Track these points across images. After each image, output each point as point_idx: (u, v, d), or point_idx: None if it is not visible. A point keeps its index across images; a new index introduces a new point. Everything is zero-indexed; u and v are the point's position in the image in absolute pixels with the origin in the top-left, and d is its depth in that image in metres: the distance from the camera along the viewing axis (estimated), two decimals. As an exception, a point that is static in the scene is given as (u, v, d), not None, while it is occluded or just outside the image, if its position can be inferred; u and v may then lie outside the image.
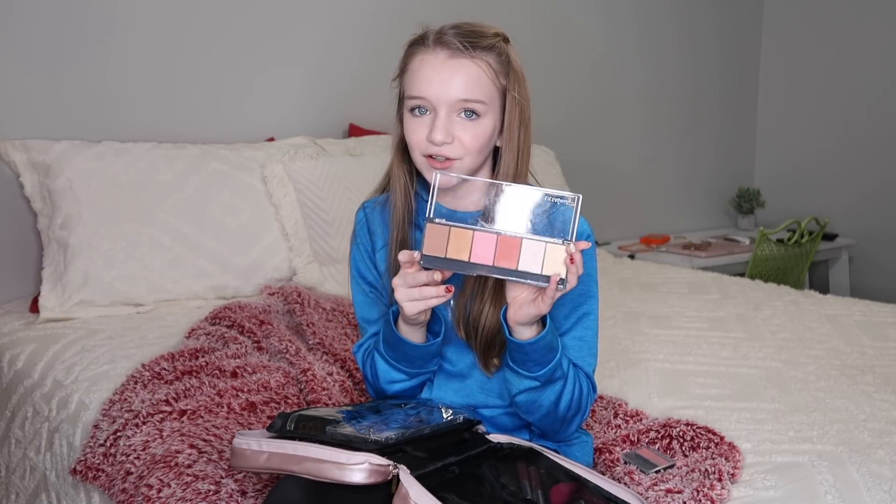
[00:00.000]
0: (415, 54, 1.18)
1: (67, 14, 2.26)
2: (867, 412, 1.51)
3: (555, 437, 1.23)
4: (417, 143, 1.16)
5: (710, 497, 1.15)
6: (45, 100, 2.25)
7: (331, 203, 2.34)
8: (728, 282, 2.61)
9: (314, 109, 2.72)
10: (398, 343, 1.18)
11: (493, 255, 1.03)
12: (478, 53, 1.16)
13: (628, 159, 3.70)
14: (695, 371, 1.75)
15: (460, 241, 1.04)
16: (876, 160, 3.79)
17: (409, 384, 1.24)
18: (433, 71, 1.15)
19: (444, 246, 1.04)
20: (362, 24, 2.79)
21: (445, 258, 1.05)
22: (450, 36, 1.16)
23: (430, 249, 1.05)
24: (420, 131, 1.16)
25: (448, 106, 1.14)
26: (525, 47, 3.74)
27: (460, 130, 1.15)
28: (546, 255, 1.02)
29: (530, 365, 1.11)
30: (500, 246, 1.03)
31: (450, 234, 1.05)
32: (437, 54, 1.15)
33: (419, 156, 1.17)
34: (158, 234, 2.11)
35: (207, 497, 1.18)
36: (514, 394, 1.16)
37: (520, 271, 1.03)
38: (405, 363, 1.21)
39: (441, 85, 1.14)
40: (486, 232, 1.04)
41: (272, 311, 1.92)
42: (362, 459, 0.96)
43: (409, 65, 1.18)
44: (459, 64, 1.15)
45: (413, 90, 1.16)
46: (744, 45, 4.08)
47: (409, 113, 1.17)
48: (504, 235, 1.03)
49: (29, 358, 1.82)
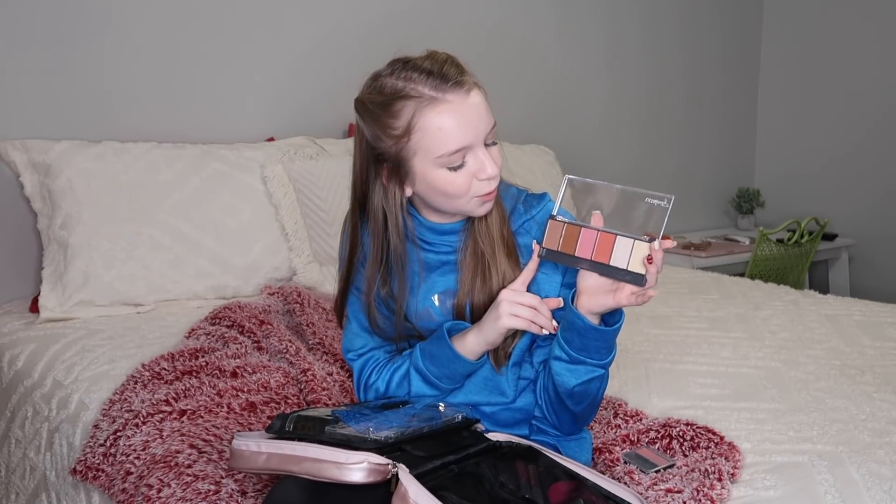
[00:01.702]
0: (422, 113, 1.09)
1: (67, 14, 2.26)
2: (867, 412, 1.51)
3: (573, 428, 1.25)
4: (467, 190, 1.13)
5: (710, 497, 1.15)
6: (45, 100, 2.25)
7: (331, 203, 2.34)
8: (728, 282, 2.61)
9: (314, 109, 2.72)
10: (451, 360, 1.19)
11: (592, 250, 1.13)
12: (469, 78, 1.13)
13: (628, 159, 3.70)
14: (695, 371, 1.75)
15: (570, 237, 1.15)
16: (876, 160, 3.79)
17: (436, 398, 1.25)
18: (462, 118, 1.10)
19: (559, 240, 1.15)
20: (362, 23, 2.79)
21: (558, 251, 1.15)
22: (441, 79, 1.10)
23: (548, 243, 1.16)
24: (461, 179, 1.13)
25: (483, 141, 1.14)
26: (526, 47, 3.76)
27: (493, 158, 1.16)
28: (633, 252, 1.09)
29: (603, 352, 1.15)
30: (599, 241, 1.12)
31: (563, 230, 1.15)
32: (451, 101, 1.10)
33: (469, 201, 1.15)
34: (158, 234, 2.11)
35: (207, 497, 1.18)
36: (572, 385, 1.17)
37: (611, 266, 1.10)
38: (447, 380, 1.21)
39: (473, 126, 1.11)
40: (590, 229, 1.13)
41: (272, 311, 1.93)
42: (361, 458, 0.96)
43: (422, 125, 1.09)
44: (472, 98, 1.12)
45: (450, 146, 1.10)
46: (744, 46, 4.08)
47: (444, 171, 1.12)
48: (603, 232, 1.12)
49: (29, 358, 1.82)
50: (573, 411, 1.21)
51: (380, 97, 1.13)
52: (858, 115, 3.83)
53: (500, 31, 3.10)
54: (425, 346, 1.22)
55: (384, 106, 1.12)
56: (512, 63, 3.18)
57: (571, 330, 1.14)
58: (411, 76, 1.11)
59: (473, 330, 1.19)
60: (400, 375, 1.25)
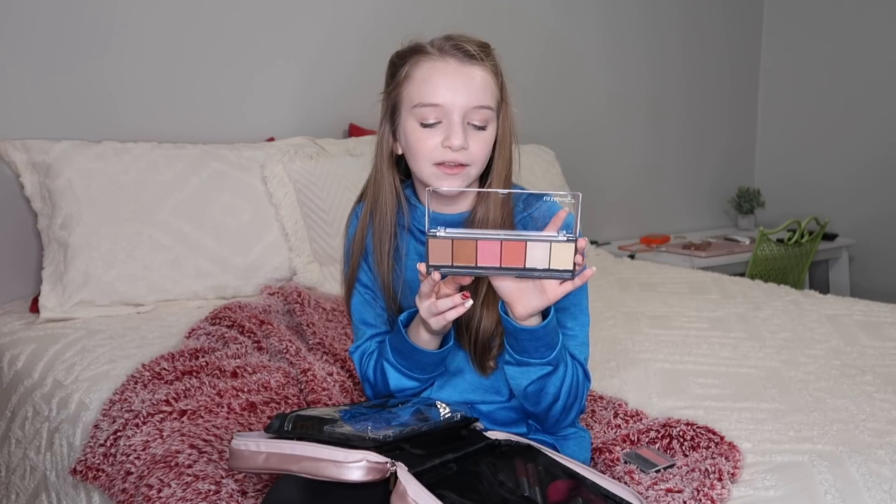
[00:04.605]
0: (419, 63, 1.16)
1: (67, 14, 2.26)
2: (867, 412, 1.51)
3: (554, 427, 1.24)
4: (429, 151, 1.15)
5: (710, 497, 1.15)
6: (45, 100, 2.25)
7: (331, 203, 2.34)
8: (728, 282, 2.61)
9: (314, 109, 2.73)
10: (411, 352, 1.19)
11: (499, 258, 1.04)
12: (482, 63, 1.16)
13: (629, 159, 3.71)
14: (695, 371, 1.75)
15: (464, 251, 1.04)
16: (876, 160, 3.79)
17: (420, 389, 1.25)
18: (446, 77, 1.13)
19: (450, 256, 1.05)
20: (363, 23, 2.79)
21: (452, 266, 1.05)
22: (453, 47, 1.14)
23: (435, 260, 1.06)
24: (431, 140, 1.15)
25: (462, 112, 1.14)
26: (527, 47, 3.76)
27: (472, 139, 1.16)
28: (552, 253, 1.03)
29: (543, 350, 1.12)
30: (504, 250, 1.04)
31: (453, 246, 1.04)
32: (448, 62, 1.14)
33: (428, 166, 1.16)
34: (158, 234, 2.11)
35: (208, 497, 1.18)
36: (525, 386, 1.16)
37: (527, 269, 1.04)
38: (418, 370, 1.21)
39: (455, 90, 1.13)
40: (488, 240, 1.04)
41: (272, 311, 1.93)
42: (360, 457, 0.96)
43: (413, 73, 1.16)
44: (472, 70, 1.15)
45: (425, 98, 1.14)
46: (744, 46, 4.08)
47: (416, 124, 1.16)
48: (508, 241, 1.03)
49: (29, 358, 1.82)
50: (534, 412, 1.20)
51: (404, 50, 1.19)
52: (859, 114, 3.83)
53: (500, 31, 3.10)
54: (391, 338, 1.22)
55: (402, 56, 1.19)
56: (512, 63, 3.17)
57: (508, 334, 1.13)
58: (435, 41, 1.16)
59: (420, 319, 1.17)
60: (379, 369, 1.25)
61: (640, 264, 2.95)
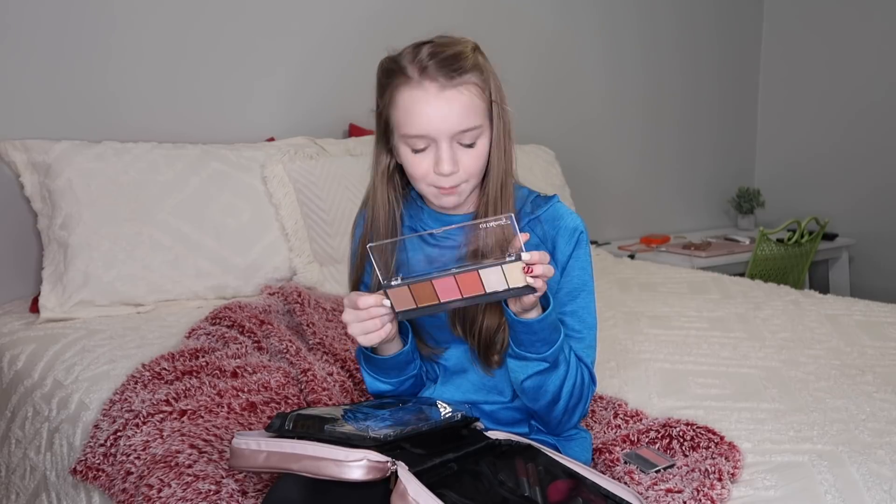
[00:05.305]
0: (400, 89, 1.14)
1: (68, 14, 2.26)
2: (867, 412, 1.51)
3: (557, 428, 1.24)
4: (423, 176, 1.16)
5: (710, 497, 1.15)
6: (45, 100, 2.25)
7: (331, 203, 2.34)
8: (728, 282, 2.61)
9: (314, 109, 2.73)
10: (367, 357, 1.22)
11: (459, 291, 1.05)
12: (465, 79, 1.14)
13: (628, 159, 3.71)
14: (695, 371, 1.75)
15: (424, 292, 1.06)
16: (876, 160, 3.79)
17: (397, 391, 1.26)
18: (428, 107, 1.13)
19: (412, 299, 1.07)
20: (362, 23, 2.79)
21: (418, 308, 1.07)
22: (433, 67, 1.12)
23: (400, 306, 1.08)
24: (424, 164, 1.16)
25: (449, 136, 1.14)
26: (526, 48, 3.75)
27: (462, 157, 1.16)
28: (506, 274, 1.03)
29: (539, 346, 1.12)
30: (461, 283, 1.05)
31: (411, 290, 1.06)
32: (427, 88, 1.13)
33: (425, 186, 1.18)
34: (158, 234, 2.11)
35: (208, 497, 1.18)
36: (522, 380, 1.16)
37: (490, 293, 1.05)
38: (383, 374, 1.24)
39: (439, 120, 1.13)
40: (443, 277, 1.05)
41: (272, 311, 1.93)
42: (360, 456, 0.96)
43: (397, 100, 1.15)
44: (451, 95, 1.13)
45: (411, 129, 1.14)
46: (744, 45, 4.08)
47: (408, 149, 1.16)
48: (462, 273, 1.04)
49: (29, 358, 1.82)
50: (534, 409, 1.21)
51: (388, 64, 1.18)
52: (859, 114, 3.83)
53: (499, 31, 3.10)
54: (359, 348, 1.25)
55: (387, 73, 1.18)
56: (511, 63, 3.18)
57: (509, 326, 1.14)
58: (415, 55, 1.15)
59: None
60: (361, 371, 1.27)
61: (640, 264, 2.95)
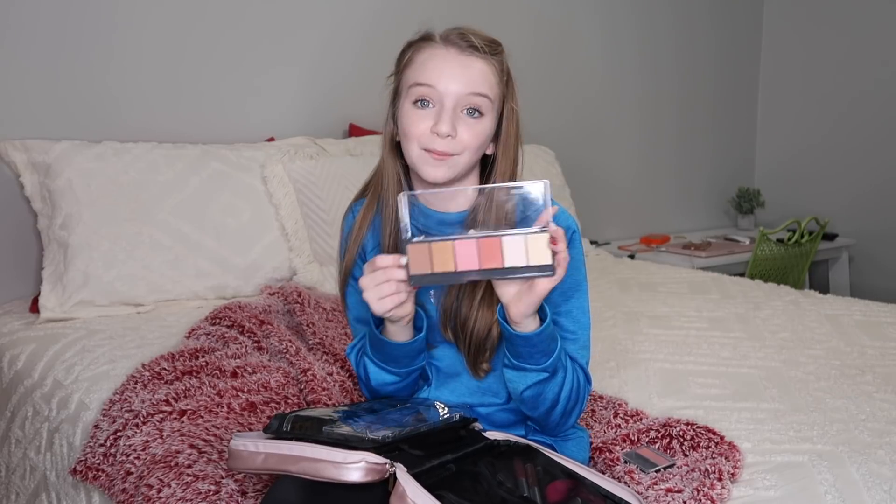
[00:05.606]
0: (421, 49, 1.18)
1: (68, 14, 2.26)
2: (867, 412, 1.51)
3: (555, 431, 1.23)
4: (419, 136, 1.15)
5: (710, 496, 1.15)
6: (45, 100, 2.25)
7: (331, 203, 2.34)
8: (728, 282, 2.61)
9: (314, 109, 2.73)
10: (381, 344, 1.18)
11: (477, 260, 1.03)
12: (486, 57, 1.18)
13: (628, 159, 3.71)
14: (695, 371, 1.75)
15: (443, 254, 1.03)
16: (876, 160, 3.79)
17: (401, 385, 1.23)
18: (444, 63, 1.15)
19: (429, 262, 1.04)
20: (363, 24, 2.79)
21: (433, 273, 1.04)
22: (459, 38, 1.17)
23: (416, 268, 1.05)
24: (423, 123, 1.15)
25: (455, 100, 1.14)
26: (526, 48, 3.75)
27: (463, 127, 1.15)
28: (528, 247, 1.02)
29: (538, 357, 1.11)
30: (482, 249, 1.03)
31: (431, 250, 1.04)
32: (448, 50, 1.17)
33: (417, 149, 1.16)
34: (158, 234, 2.11)
35: (207, 497, 1.18)
36: (521, 390, 1.15)
37: (507, 268, 1.03)
38: (392, 363, 1.20)
39: (451, 77, 1.15)
40: (465, 239, 1.03)
41: (272, 311, 1.93)
42: (359, 458, 0.96)
43: (415, 58, 1.18)
44: (470, 60, 1.16)
45: (421, 78, 1.16)
46: (744, 46, 4.08)
47: (411, 105, 1.16)
48: (484, 238, 1.03)
49: (29, 358, 1.82)
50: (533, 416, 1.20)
51: (413, 37, 1.22)
52: (859, 114, 3.83)
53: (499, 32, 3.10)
54: (368, 330, 1.21)
55: (410, 43, 1.22)
56: (511, 63, 3.17)
57: (506, 339, 1.13)
58: (445, 31, 1.19)
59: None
60: (363, 364, 1.24)
61: (640, 264, 2.95)
